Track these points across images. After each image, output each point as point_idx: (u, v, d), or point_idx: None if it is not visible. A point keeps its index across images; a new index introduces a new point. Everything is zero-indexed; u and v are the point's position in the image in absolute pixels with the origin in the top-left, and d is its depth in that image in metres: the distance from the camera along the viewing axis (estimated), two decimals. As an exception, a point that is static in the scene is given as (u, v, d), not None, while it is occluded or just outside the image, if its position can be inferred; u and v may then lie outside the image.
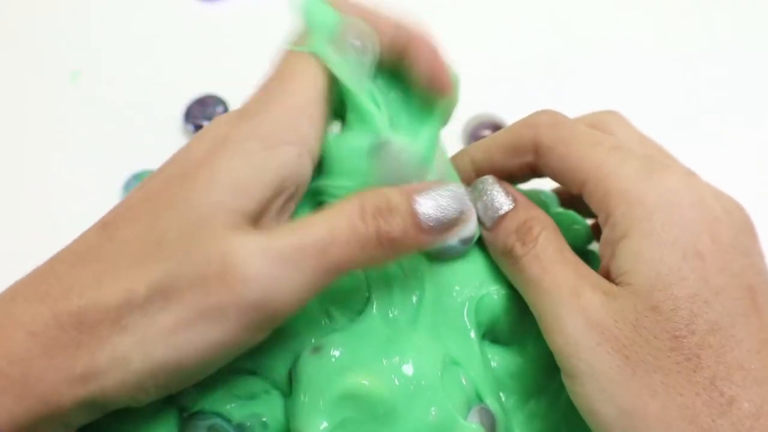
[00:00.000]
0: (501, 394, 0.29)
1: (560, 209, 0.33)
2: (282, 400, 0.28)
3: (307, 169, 0.26)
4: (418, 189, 0.26)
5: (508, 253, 0.28)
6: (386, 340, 0.27)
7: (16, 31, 0.50)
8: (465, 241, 0.28)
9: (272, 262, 0.23)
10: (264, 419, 0.27)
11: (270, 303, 0.24)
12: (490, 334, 0.29)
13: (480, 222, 0.29)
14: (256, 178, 0.25)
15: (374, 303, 0.28)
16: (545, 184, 0.36)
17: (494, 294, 0.29)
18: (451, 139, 0.46)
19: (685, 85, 0.48)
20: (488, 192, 0.29)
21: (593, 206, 0.28)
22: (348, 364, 0.26)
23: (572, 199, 0.31)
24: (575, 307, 0.25)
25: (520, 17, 0.52)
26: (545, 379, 0.29)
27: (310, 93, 0.26)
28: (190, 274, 0.23)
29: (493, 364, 0.29)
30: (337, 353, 0.26)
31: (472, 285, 0.29)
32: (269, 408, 0.28)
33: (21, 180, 0.44)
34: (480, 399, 0.27)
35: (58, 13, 0.51)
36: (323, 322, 0.27)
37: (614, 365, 0.24)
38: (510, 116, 0.46)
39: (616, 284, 0.26)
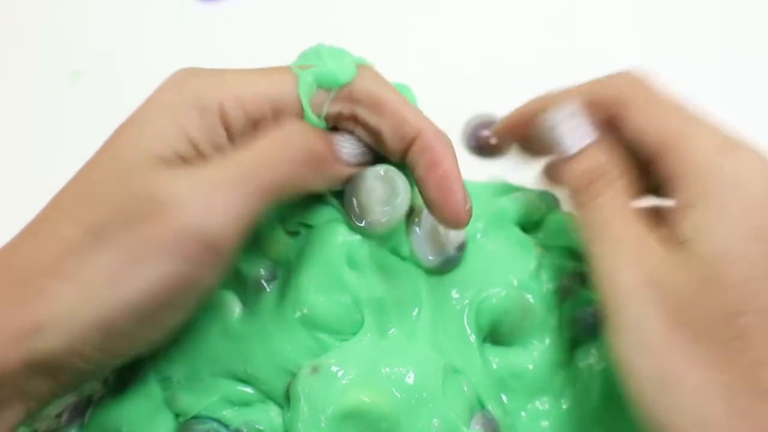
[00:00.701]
0: (503, 395, 0.29)
1: (560, 211, 0.33)
2: (278, 409, 0.28)
3: (224, 138, 0.26)
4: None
5: (578, 192, 0.28)
6: (385, 353, 0.27)
7: (16, 31, 0.50)
8: (460, 248, 0.28)
9: (203, 190, 0.23)
10: (261, 427, 0.27)
11: (207, 230, 0.23)
12: (492, 336, 0.29)
13: (558, 147, 0.28)
14: (175, 132, 0.25)
15: (369, 324, 0.27)
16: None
17: (493, 297, 0.29)
18: (451, 139, 0.45)
19: (686, 84, 0.48)
20: (571, 121, 0.29)
21: (664, 170, 0.27)
22: (348, 381, 0.26)
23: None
24: (636, 261, 0.25)
25: (520, 17, 0.52)
26: (547, 378, 0.29)
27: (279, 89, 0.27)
28: (121, 214, 0.23)
29: (495, 365, 0.29)
30: (335, 371, 0.26)
31: (470, 290, 0.29)
32: (265, 416, 0.27)
33: (21, 180, 0.44)
34: (482, 405, 0.27)
35: (58, 13, 0.51)
36: (313, 346, 0.27)
37: (663, 326, 0.24)
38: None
39: (679, 249, 0.25)
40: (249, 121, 0.26)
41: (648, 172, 0.28)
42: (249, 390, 0.27)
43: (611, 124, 0.29)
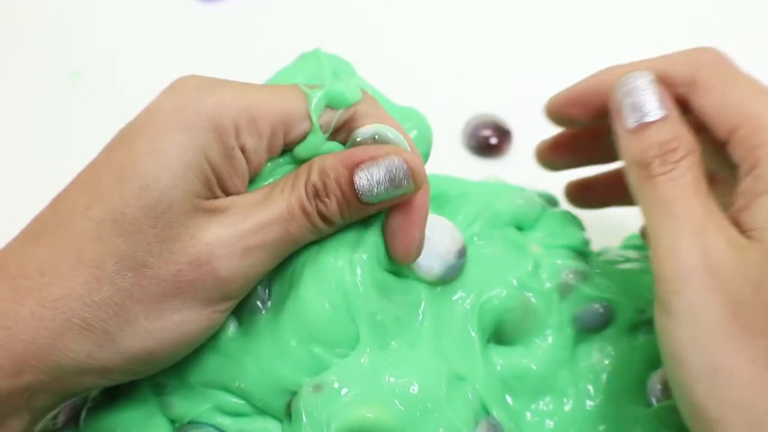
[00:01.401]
0: (508, 396, 0.29)
1: (558, 209, 0.33)
2: (275, 422, 0.27)
3: (242, 161, 0.26)
4: (363, 159, 0.25)
5: (644, 166, 0.26)
6: (387, 365, 0.27)
7: (16, 31, 0.50)
8: (460, 254, 0.28)
9: (241, 244, 0.24)
10: None
11: (240, 279, 0.25)
12: (495, 336, 0.29)
13: (633, 115, 0.27)
14: (198, 158, 0.24)
15: (367, 339, 0.27)
16: (549, 185, 0.36)
17: (495, 298, 0.29)
18: (451, 139, 0.46)
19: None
20: (642, 91, 0.27)
21: (737, 153, 0.26)
22: (350, 397, 0.26)
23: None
24: (697, 244, 0.24)
25: (520, 17, 0.52)
26: (551, 377, 0.29)
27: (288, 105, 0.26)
28: (162, 256, 0.23)
29: (498, 366, 0.29)
30: (337, 388, 0.26)
31: (471, 293, 0.29)
32: (263, 427, 0.27)
33: (21, 179, 0.44)
34: (486, 411, 0.27)
35: (59, 13, 0.51)
36: (309, 363, 0.27)
37: (721, 316, 0.23)
38: (510, 116, 0.46)
39: (745, 237, 0.24)
40: (261, 140, 0.26)
41: (713, 156, 0.27)
42: (242, 402, 0.27)
43: (680, 104, 0.28)
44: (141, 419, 0.27)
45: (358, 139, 0.26)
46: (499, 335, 0.29)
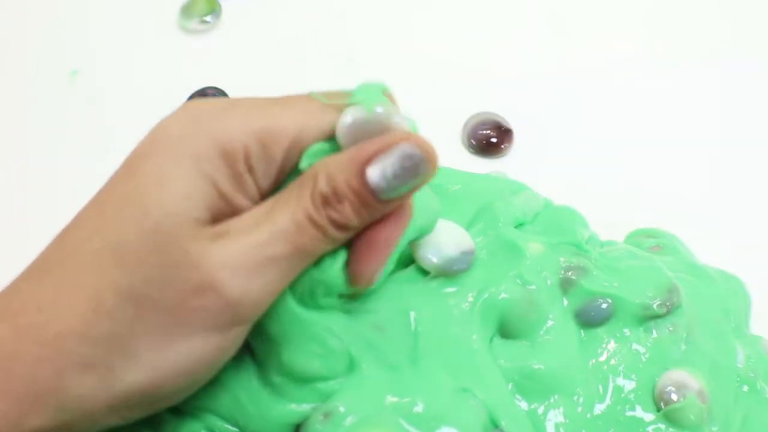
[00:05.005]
0: (517, 396, 0.29)
1: (560, 205, 0.34)
2: None
3: (250, 183, 0.25)
4: (370, 156, 0.24)
5: None
6: (390, 384, 0.26)
7: (15, 31, 0.50)
8: (468, 253, 0.28)
9: (247, 267, 0.23)
10: None
11: (249, 304, 0.23)
12: (500, 330, 0.29)
13: None
14: (204, 185, 0.23)
15: (362, 358, 0.27)
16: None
17: (498, 294, 0.29)
18: (451, 138, 0.46)
19: (686, 86, 0.48)
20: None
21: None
22: (358, 421, 0.25)
23: None
24: None
25: (519, 16, 0.52)
26: (559, 375, 0.29)
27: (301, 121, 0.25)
28: (165, 284, 0.22)
29: (507, 364, 0.29)
30: (344, 412, 0.26)
31: (472, 292, 0.28)
32: None
33: (21, 179, 0.44)
34: (495, 424, 0.27)
35: (58, 12, 0.51)
36: (310, 396, 0.27)
37: None
38: (509, 115, 0.46)
39: None
40: (272, 163, 0.24)
41: None
42: (235, 430, 0.27)
43: None
44: (128, 427, 0.27)
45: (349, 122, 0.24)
46: (503, 329, 0.29)
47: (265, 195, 0.25)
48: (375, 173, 0.23)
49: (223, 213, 0.24)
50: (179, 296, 0.22)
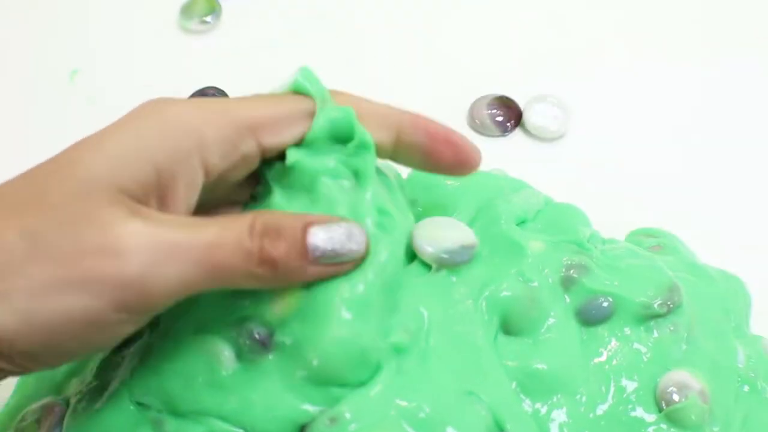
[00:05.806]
0: (522, 396, 0.29)
1: (561, 203, 0.33)
2: None
3: (198, 172, 0.25)
4: (316, 220, 0.25)
5: None
6: (398, 388, 0.26)
7: (15, 31, 0.50)
8: (469, 246, 0.28)
9: (156, 248, 0.23)
10: None
11: (145, 287, 0.23)
12: (503, 327, 0.29)
13: None
14: (141, 157, 0.24)
15: (385, 366, 0.26)
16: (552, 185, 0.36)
17: (498, 292, 0.29)
18: (457, 117, 0.46)
19: (683, 86, 0.48)
20: None
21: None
22: (361, 426, 0.25)
23: None
24: None
25: (519, 15, 0.52)
26: (561, 374, 0.29)
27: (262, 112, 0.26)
28: (69, 235, 0.22)
29: (511, 363, 0.29)
30: (349, 418, 0.25)
31: (474, 290, 0.28)
32: None
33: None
34: (500, 427, 0.27)
35: (58, 12, 0.51)
36: (323, 399, 0.26)
37: None
38: (515, 95, 0.46)
39: None
40: (225, 156, 0.25)
41: None
42: (239, 431, 0.27)
43: None
44: (127, 427, 0.27)
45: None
46: (505, 326, 0.29)
47: (215, 186, 0.26)
48: (318, 233, 0.25)
49: (151, 193, 0.24)
50: (77, 250, 0.22)
